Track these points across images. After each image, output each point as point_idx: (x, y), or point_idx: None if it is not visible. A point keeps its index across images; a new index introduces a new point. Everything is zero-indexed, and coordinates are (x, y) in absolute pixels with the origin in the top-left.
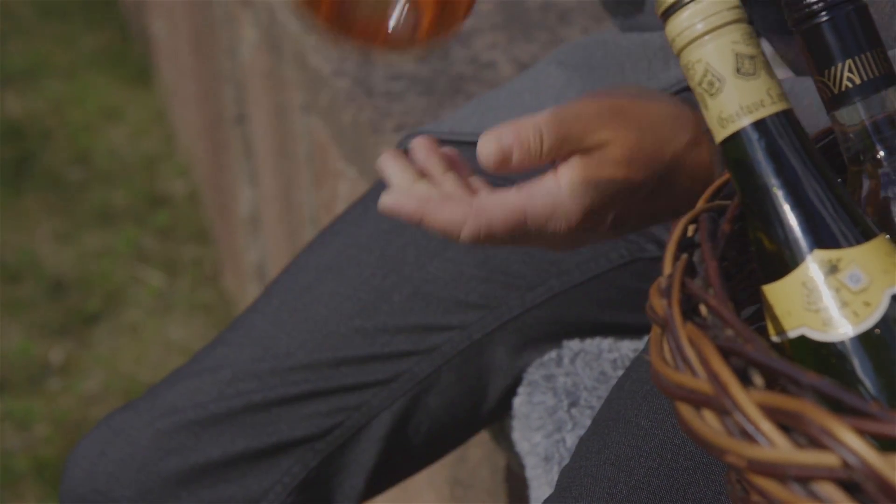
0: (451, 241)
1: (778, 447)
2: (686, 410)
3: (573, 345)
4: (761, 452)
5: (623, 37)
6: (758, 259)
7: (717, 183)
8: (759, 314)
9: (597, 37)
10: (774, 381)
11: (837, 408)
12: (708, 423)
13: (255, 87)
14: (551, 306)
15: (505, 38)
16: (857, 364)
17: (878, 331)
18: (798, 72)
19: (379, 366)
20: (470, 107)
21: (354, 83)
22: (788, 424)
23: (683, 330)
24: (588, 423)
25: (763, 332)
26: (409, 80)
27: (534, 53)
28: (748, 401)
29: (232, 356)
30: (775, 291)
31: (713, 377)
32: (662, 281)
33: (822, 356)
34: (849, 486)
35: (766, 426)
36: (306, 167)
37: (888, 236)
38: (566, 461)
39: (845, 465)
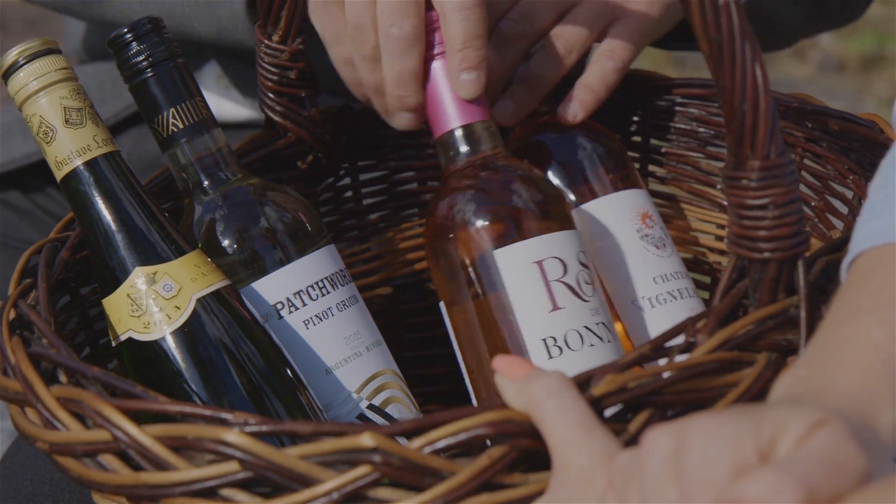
0: None
1: (70, 430)
2: (15, 411)
3: None
4: (57, 436)
5: (89, 65)
6: (96, 278)
7: (67, 218)
8: None
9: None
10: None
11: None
12: (28, 419)
13: None
14: None
15: None
16: (175, 355)
17: (186, 328)
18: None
19: None
20: None
21: None
22: (80, 412)
23: (9, 343)
24: None
25: None
26: None
27: None
28: (48, 396)
29: None
30: (109, 303)
31: (23, 379)
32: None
33: (147, 354)
34: (124, 456)
35: (62, 414)
36: None
37: (208, 251)
38: None
39: (114, 438)
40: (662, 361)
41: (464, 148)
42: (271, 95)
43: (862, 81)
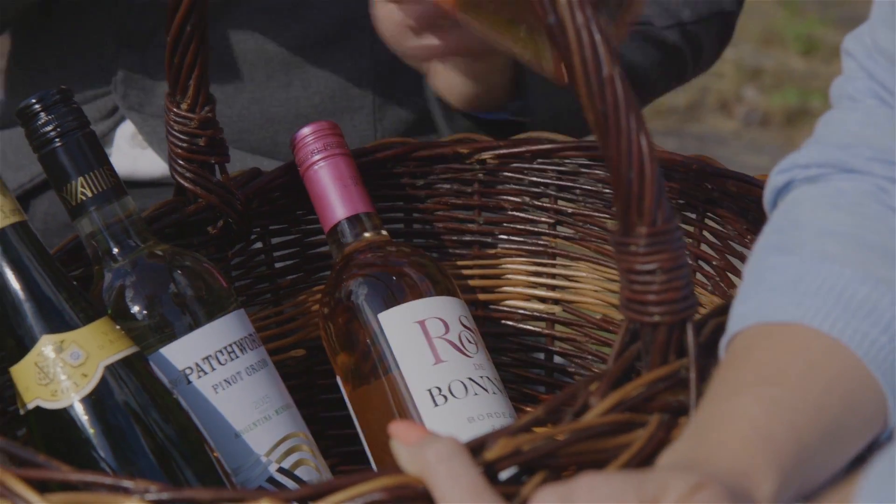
0: None
1: None
2: None
3: None
4: None
5: (6, 131)
6: (4, 345)
7: None
8: None
9: None
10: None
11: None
12: None
13: None
14: None
15: None
16: (84, 423)
17: (94, 396)
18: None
19: None
20: None
21: None
22: None
23: None
24: None
25: None
26: None
27: None
28: None
29: None
30: (17, 371)
31: None
32: None
33: (55, 422)
34: None
35: None
36: None
37: (118, 318)
38: None
39: None
40: None
41: (350, 236)
42: (181, 162)
43: (786, 136)
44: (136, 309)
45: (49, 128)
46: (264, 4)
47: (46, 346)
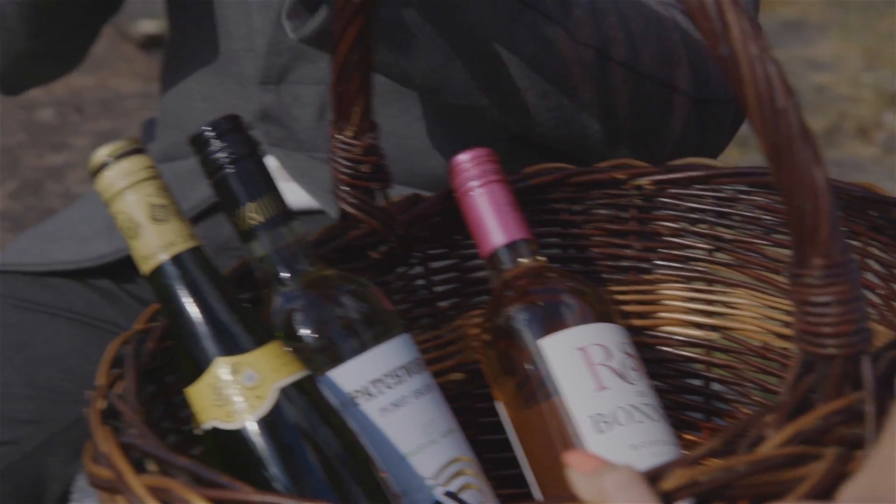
0: (1, 364)
1: None
2: (105, 498)
3: None
4: None
5: (163, 165)
6: (180, 367)
7: (150, 309)
8: None
9: None
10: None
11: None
12: None
13: None
14: None
15: None
16: (259, 444)
17: (269, 418)
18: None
19: None
20: (28, 238)
21: None
22: (169, 500)
23: (100, 431)
24: None
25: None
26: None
27: None
28: (138, 484)
29: None
30: (192, 392)
31: (113, 467)
32: (90, 393)
33: (231, 442)
34: None
35: (151, 503)
36: None
37: (288, 341)
38: None
39: None
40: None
41: (508, 262)
42: (345, 188)
43: None
44: (305, 332)
45: (221, 154)
46: None
47: (222, 369)
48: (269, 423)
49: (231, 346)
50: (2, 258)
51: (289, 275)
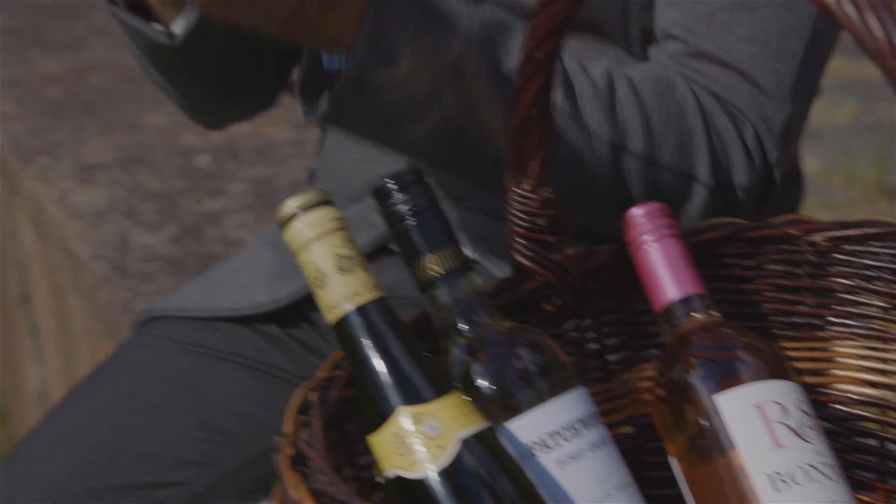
0: (172, 407)
1: None
2: None
3: None
4: None
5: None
6: (363, 415)
7: (333, 357)
8: None
9: None
10: None
11: None
12: None
13: (36, 269)
14: (262, 460)
15: (253, 217)
16: (441, 494)
17: (451, 468)
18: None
19: None
20: (193, 285)
21: (110, 266)
22: None
23: (290, 477)
24: None
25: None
26: (162, 261)
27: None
28: None
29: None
30: (375, 440)
31: None
32: (279, 439)
33: (413, 490)
34: None
35: None
36: (85, 344)
37: (466, 391)
38: None
39: None
40: None
41: (682, 317)
42: (520, 241)
43: None
44: (483, 383)
45: (403, 206)
46: None
47: (404, 418)
48: (452, 473)
49: (413, 396)
50: (171, 303)
51: (467, 326)
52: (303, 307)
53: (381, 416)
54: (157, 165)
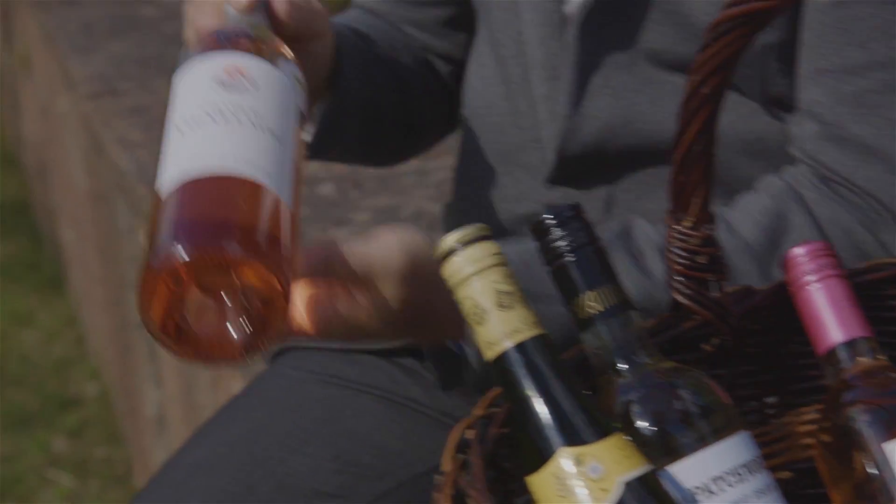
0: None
1: None
2: None
3: None
4: None
5: None
6: (521, 454)
7: (491, 395)
8: None
9: None
10: None
11: None
12: None
13: None
14: (399, 493)
15: None
16: None
17: None
18: None
19: None
20: None
21: None
22: None
23: None
24: None
25: None
26: None
27: None
28: None
29: None
30: (535, 481)
31: None
32: (439, 478)
33: None
34: None
35: None
36: (204, 370)
37: (625, 432)
38: None
39: None
40: None
41: (847, 360)
42: (680, 279)
43: None
44: (643, 424)
45: (562, 242)
46: None
47: (565, 459)
48: None
49: (575, 437)
50: None
51: (626, 365)
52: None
53: (541, 456)
54: None
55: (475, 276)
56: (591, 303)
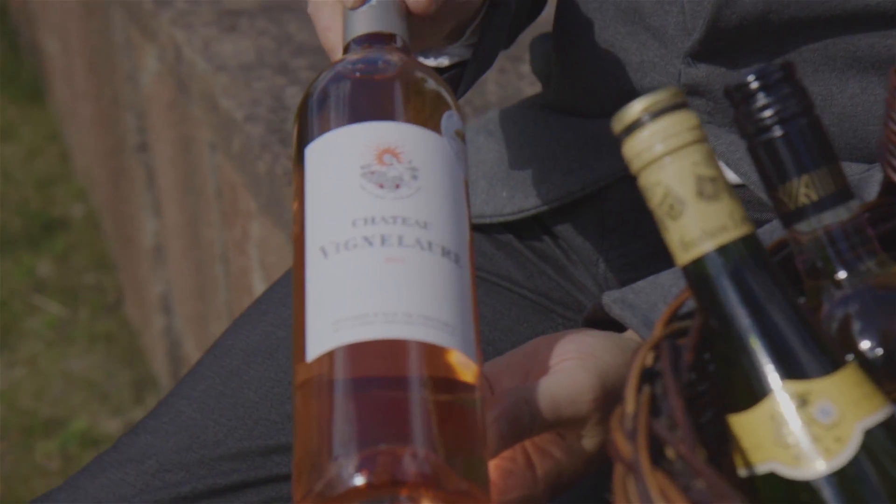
0: None
1: None
2: None
3: None
4: None
5: (554, 115)
6: (723, 387)
7: (674, 305)
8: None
9: (527, 106)
10: None
11: None
12: None
13: (158, 117)
14: None
15: None
16: (831, 502)
17: (851, 468)
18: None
19: None
20: None
21: (268, 130)
22: None
23: (653, 478)
24: None
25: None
26: None
27: None
28: None
29: (157, 445)
30: (743, 423)
31: None
32: (626, 420)
33: (793, 492)
34: None
35: None
36: (215, 204)
37: (855, 361)
38: None
39: None
40: None
41: None
42: None
43: None
44: (869, 346)
45: (768, 112)
46: None
47: (787, 397)
48: (852, 476)
49: (799, 369)
50: None
51: (846, 271)
52: (544, 218)
53: (752, 392)
54: (303, 13)
55: (669, 155)
56: (805, 190)
